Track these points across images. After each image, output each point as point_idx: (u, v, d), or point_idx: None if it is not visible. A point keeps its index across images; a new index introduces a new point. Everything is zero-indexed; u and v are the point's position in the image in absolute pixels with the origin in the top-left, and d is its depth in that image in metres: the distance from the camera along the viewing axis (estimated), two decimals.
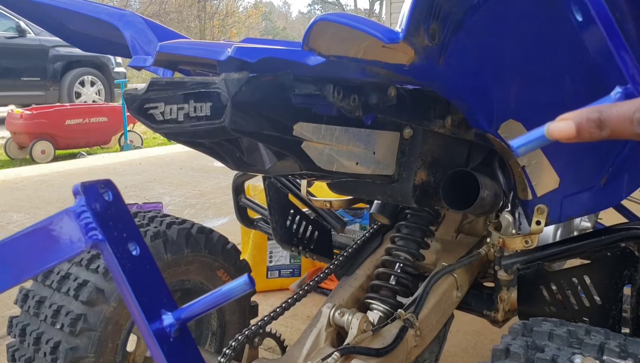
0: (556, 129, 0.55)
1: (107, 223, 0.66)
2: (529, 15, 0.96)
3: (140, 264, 0.68)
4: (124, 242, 0.67)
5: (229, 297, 0.68)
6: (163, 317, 0.69)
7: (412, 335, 1.32)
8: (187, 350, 0.70)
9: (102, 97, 10.17)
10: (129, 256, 0.67)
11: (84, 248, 0.66)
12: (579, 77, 1.10)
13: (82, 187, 0.65)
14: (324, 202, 1.80)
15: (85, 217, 0.65)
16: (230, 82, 0.94)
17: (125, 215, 0.69)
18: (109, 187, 0.68)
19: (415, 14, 0.76)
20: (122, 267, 0.66)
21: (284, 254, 2.81)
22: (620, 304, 1.27)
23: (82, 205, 0.65)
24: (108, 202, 0.67)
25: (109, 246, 0.65)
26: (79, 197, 0.65)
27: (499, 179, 1.34)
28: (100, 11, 1.28)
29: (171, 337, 0.68)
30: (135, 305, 0.66)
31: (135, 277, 0.67)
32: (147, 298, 0.68)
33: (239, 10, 27.28)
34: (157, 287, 0.70)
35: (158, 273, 0.71)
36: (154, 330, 0.67)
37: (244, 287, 0.66)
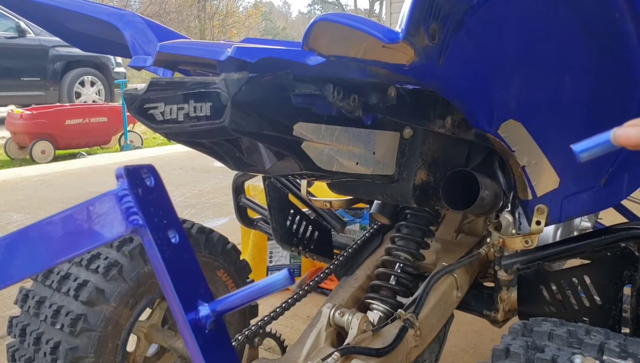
0: (624, 136, 0.52)
1: (149, 209, 0.64)
2: (529, 15, 0.96)
3: (179, 252, 0.67)
4: (164, 229, 0.66)
5: (268, 291, 0.66)
6: (200, 307, 0.67)
7: (412, 335, 1.32)
8: (221, 342, 0.69)
9: (102, 97, 10.17)
10: (168, 243, 0.66)
11: (125, 232, 0.64)
12: (579, 76, 1.10)
13: (125, 170, 0.64)
14: (324, 202, 1.80)
15: (127, 201, 0.63)
16: (230, 82, 0.94)
17: (166, 202, 0.67)
18: (151, 172, 0.66)
19: (415, 14, 0.76)
20: (161, 255, 0.64)
21: (284, 254, 2.81)
22: (620, 304, 1.27)
23: (124, 189, 0.63)
24: (150, 187, 0.65)
25: (149, 232, 0.64)
26: (122, 180, 0.64)
27: (499, 178, 1.34)
28: (100, 11, 1.28)
29: (207, 329, 0.67)
30: (173, 294, 0.65)
31: (174, 265, 0.66)
32: (184, 287, 0.66)
33: (239, 10, 27.29)
34: (195, 277, 0.69)
35: (196, 263, 0.69)
36: (190, 321, 0.65)
37: (283, 282, 0.64)
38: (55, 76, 9.69)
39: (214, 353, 0.67)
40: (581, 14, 1.00)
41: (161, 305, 1.64)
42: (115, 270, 1.39)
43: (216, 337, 0.68)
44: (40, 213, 4.24)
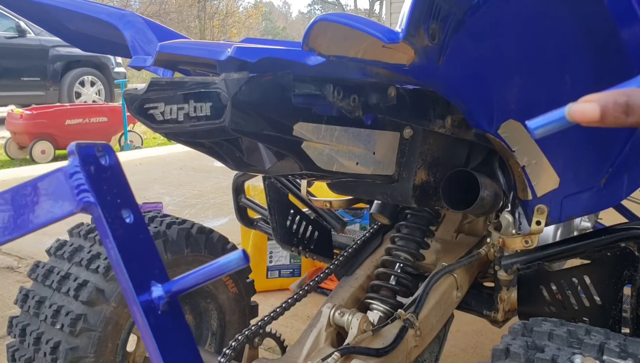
0: (578, 111, 0.50)
1: (101, 187, 0.63)
2: (529, 15, 0.96)
3: (132, 232, 0.66)
4: (118, 208, 0.65)
5: (223, 271, 0.65)
6: (152, 288, 0.66)
7: (412, 335, 1.32)
8: (175, 324, 0.68)
9: (102, 97, 10.17)
10: (121, 223, 0.65)
11: (75, 210, 0.63)
12: (579, 76, 1.10)
13: (77, 147, 0.63)
14: (324, 202, 1.80)
15: (77, 178, 0.62)
16: (230, 82, 0.94)
17: (121, 182, 0.66)
18: (106, 151, 0.65)
19: (415, 14, 0.76)
20: (112, 233, 0.63)
21: (284, 254, 2.81)
22: (620, 304, 1.27)
23: (75, 166, 0.62)
24: (104, 165, 0.64)
25: (100, 210, 0.63)
26: (73, 157, 0.62)
27: (499, 179, 1.34)
28: (100, 11, 1.28)
29: (159, 310, 0.66)
30: (123, 273, 0.64)
31: (126, 244, 0.64)
32: (137, 267, 0.65)
33: (239, 10, 27.29)
34: (149, 258, 0.67)
35: (152, 244, 0.68)
36: (141, 302, 0.64)
37: (238, 262, 0.63)
38: (55, 76, 9.69)
39: (167, 334, 0.66)
40: (581, 14, 1.00)
41: None
42: None
43: (170, 319, 0.67)
44: None
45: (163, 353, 0.64)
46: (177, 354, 0.66)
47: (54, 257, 1.52)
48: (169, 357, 0.65)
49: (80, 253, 1.47)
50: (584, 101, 0.50)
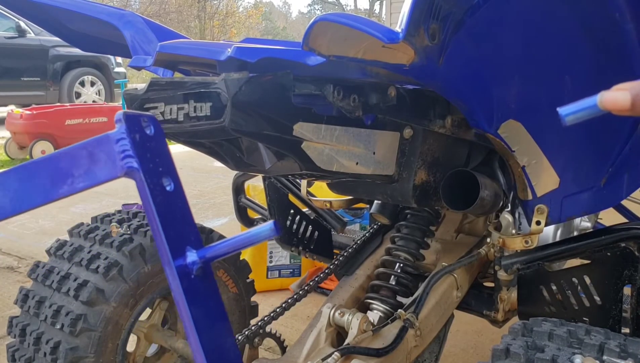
0: (610, 100, 0.50)
1: (145, 155, 0.66)
2: (529, 15, 0.96)
3: (172, 200, 0.69)
4: (159, 176, 0.68)
5: (254, 241, 0.68)
6: (187, 253, 0.69)
7: (412, 335, 1.32)
8: (207, 290, 0.71)
9: (102, 97, 10.16)
10: (161, 190, 0.68)
11: (118, 174, 0.66)
12: (579, 76, 1.10)
13: (124, 115, 0.66)
14: (324, 202, 1.80)
15: (122, 144, 0.65)
16: (230, 82, 0.94)
17: (164, 152, 0.69)
18: (152, 122, 0.68)
19: (415, 14, 0.76)
20: (153, 199, 0.67)
21: (284, 254, 2.81)
22: (620, 304, 1.27)
23: (121, 132, 0.65)
24: (148, 135, 0.67)
25: (142, 176, 0.66)
26: (119, 124, 0.65)
27: (499, 179, 1.34)
28: (100, 11, 1.28)
29: (193, 274, 0.69)
30: (162, 238, 0.67)
31: (165, 210, 0.68)
32: (174, 233, 0.68)
33: (239, 10, 27.28)
34: (186, 225, 0.70)
35: (189, 213, 0.71)
36: (176, 266, 0.67)
37: (269, 233, 0.65)
38: (55, 76, 9.69)
39: (199, 299, 0.69)
40: (581, 14, 1.00)
41: (161, 305, 1.64)
42: (115, 270, 1.39)
43: (202, 284, 0.70)
44: (40, 213, 4.24)
45: (194, 315, 0.68)
46: (207, 318, 0.70)
47: (54, 257, 1.52)
48: (200, 320, 0.68)
49: (80, 253, 1.47)
50: (616, 89, 0.50)
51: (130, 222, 1.54)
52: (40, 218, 4.13)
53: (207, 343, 0.68)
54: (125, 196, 4.73)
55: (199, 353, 0.68)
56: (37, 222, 4.06)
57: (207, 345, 0.68)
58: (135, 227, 1.50)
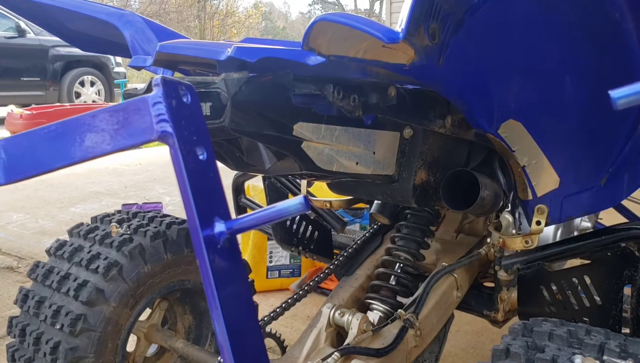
0: None
1: (180, 121, 0.66)
2: (529, 15, 0.96)
3: (204, 169, 0.69)
4: (193, 144, 0.68)
5: (283, 214, 0.68)
6: (216, 223, 0.69)
7: (412, 335, 1.32)
8: (232, 261, 0.71)
9: (102, 97, 10.17)
10: (194, 158, 0.68)
11: (152, 137, 0.66)
12: (579, 76, 1.10)
13: (162, 80, 0.66)
14: (324, 202, 1.80)
15: (159, 108, 0.65)
16: (230, 81, 0.94)
17: (199, 122, 0.69)
18: (189, 91, 0.68)
19: (415, 14, 0.76)
20: (185, 166, 0.67)
21: (284, 254, 2.81)
22: (621, 304, 1.27)
23: (158, 96, 0.65)
24: (185, 103, 0.68)
25: (176, 142, 0.66)
26: (157, 88, 0.66)
27: (499, 178, 1.33)
28: (100, 11, 1.28)
29: (219, 245, 0.69)
30: (191, 205, 0.67)
31: (196, 179, 0.68)
32: (203, 202, 0.68)
33: (238, 10, 27.27)
34: (216, 195, 0.71)
35: (219, 184, 0.71)
36: (204, 235, 0.68)
37: (298, 207, 0.66)
38: (55, 76, 9.69)
39: (224, 270, 0.69)
40: (581, 14, 1.00)
41: (161, 305, 1.64)
42: (115, 270, 1.39)
43: (228, 255, 0.70)
44: (40, 213, 4.24)
45: (217, 285, 0.68)
46: (230, 288, 0.70)
47: (53, 257, 1.52)
48: (222, 290, 0.69)
49: (80, 253, 1.46)
50: None
51: (130, 222, 1.54)
52: (40, 218, 4.13)
53: (229, 316, 0.68)
54: (125, 196, 4.73)
55: (221, 325, 0.68)
56: (37, 222, 4.06)
57: (229, 317, 0.68)
58: (135, 227, 1.50)
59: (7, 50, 9.21)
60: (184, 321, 1.71)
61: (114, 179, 5.45)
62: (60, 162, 0.71)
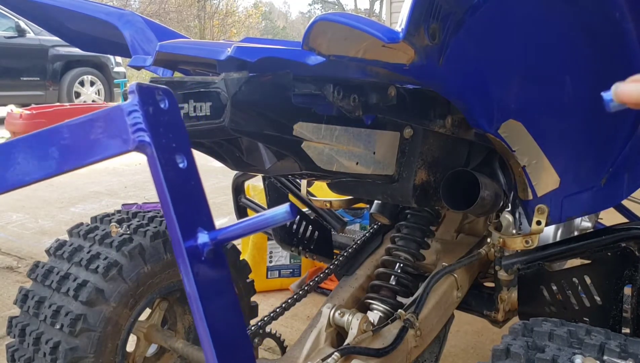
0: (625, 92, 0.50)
1: (157, 129, 0.63)
2: (529, 15, 0.96)
3: (184, 178, 0.66)
4: (172, 152, 0.65)
5: (269, 224, 0.65)
6: (199, 234, 0.66)
7: (412, 335, 1.32)
8: (217, 273, 0.68)
9: (101, 97, 10.16)
10: (174, 166, 0.65)
11: (129, 148, 0.63)
12: (580, 76, 1.10)
13: (138, 87, 0.63)
14: (324, 202, 1.79)
15: (135, 117, 0.63)
16: (230, 81, 0.93)
17: (179, 127, 0.66)
18: (166, 95, 0.66)
19: (416, 14, 0.76)
20: (164, 176, 0.64)
21: (284, 254, 2.81)
22: (621, 304, 1.27)
23: (134, 104, 0.63)
24: (163, 109, 0.65)
25: (154, 150, 0.63)
26: (132, 95, 0.63)
27: (499, 178, 1.33)
28: (100, 11, 1.28)
29: (203, 256, 0.66)
30: (172, 216, 0.64)
31: (176, 188, 0.65)
32: (185, 212, 0.65)
33: (238, 10, 27.27)
34: (198, 204, 0.68)
35: (202, 192, 0.68)
36: (186, 246, 0.65)
37: (284, 216, 0.63)
38: (54, 76, 9.68)
39: (209, 282, 0.66)
40: (581, 14, 1.00)
41: (161, 305, 1.63)
42: (115, 270, 1.39)
43: (213, 267, 0.67)
44: (40, 213, 4.24)
45: (202, 298, 0.65)
46: (215, 301, 0.67)
47: (53, 257, 1.52)
48: (208, 303, 0.66)
49: (80, 253, 1.46)
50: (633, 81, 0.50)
51: (130, 222, 1.54)
52: (40, 218, 4.13)
53: (216, 329, 0.66)
54: (125, 196, 4.73)
55: (207, 338, 0.65)
56: (36, 222, 4.06)
57: (215, 330, 0.66)
58: (135, 227, 1.50)
59: (7, 50, 9.21)
60: (184, 321, 1.71)
61: (114, 178, 5.45)
62: (35, 176, 0.68)
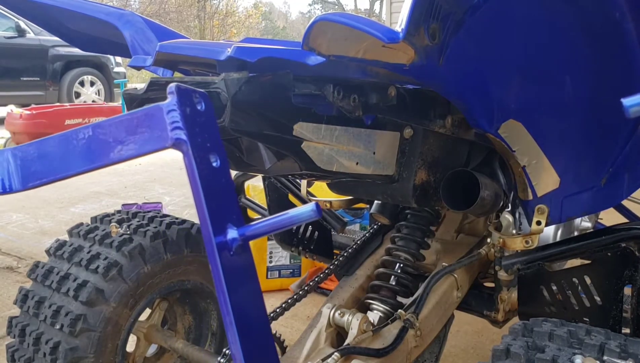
0: None
1: (193, 129, 0.67)
2: (529, 15, 0.96)
3: (217, 176, 0.70)
4: (206, 151, 0.69)
5: (295, 221, 0.69)
6: (228, 230, 0.70)
7: (412, 336, 1.32)
8: (244, 267, 0.71)
9: (101, 97, 10.16)
10: (207, 165, 0.69)
11: (167, 144, 0.67)
12: (580, 76, 1.10)
13: (177, 88, 0.67)
14: (324, 202, 1.79)
15: (173, 116, 0.67)
16: (230, 81, 0.93)
17: (213, 129, 0.70)
18: (203, 98, 0.70)
19: (415, 14, 0.76)
20: (199, 173, 0.68)
21: (284, 254, 2.81)
22: (621, 304, 1.27)
23: (173, 104, 0.67)
24: (199, 110, 0.69)
25: (190, 148, 0.67)
26: (172, 96, 0.67)
27: (499, 179, 1.33)
28: (100, 11, 1.28)
29: (232, 251, 0.70)
30: (204, 212, 0.68)
31: (209, 185, 0.69)
32: (216, 208, 0.69)
33: (238, 10, 27.27)
34: (229, 202, 0.72)
35: (233, 190, 0.72)
36: (217, 242, 0.69)
37: (310, 214, 0.67)
38: (54, 76, 9.68)
39: (236, 276, 0.70)
40: (581, 14, 1.00)
41: (161, 306, 1.63)
42: (115, 270, 1.39)
43: (240, 261, 0.71)
44: (40, 214, 4.24)
45: (230, 291, 0.69)
46: (242, 294, 0.71)
47: (53, 257, 1.52)
48: (235, 296, 0.69)
49: (80, 253, 1.46)
50: None
51: (130, 222, 1.54)
52: (40, 218, 4.13)
53: (241, 320, 0.69)
54: (125, 196, 4.73)
55: (232, 330, 0.69)
56: (36, 222, 4.06)
57: (241, 322, 0.69)
58: (135, 227, 1.50)
59: (7, 50, 9.21)
60: (184, 321, 1.71)
61: (114, 179, 5.45)
62: (76, 169, 0.72)
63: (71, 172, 0.72)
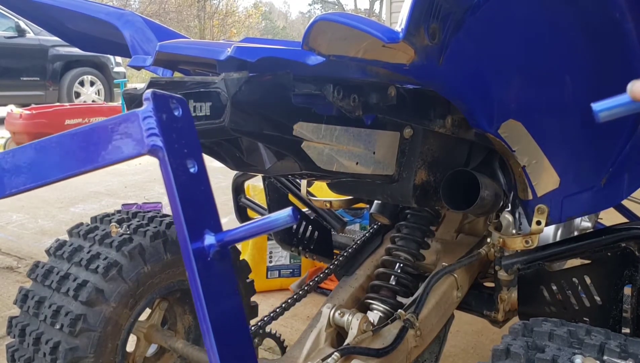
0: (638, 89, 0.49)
1: (170, 135, 0.67)
2: (529, 15, 0.96)
3: (194, 182, 0.69)
4: (183, 157, 0.68)
5: (272, 227, 0.68)
6: (206, 236, 0.69)
7: (412, 336, 1.32)
8: (222, 274, 0.70)
9: (101, 97, 10.16)
10: (184, 171, 0.68)
11: (143, 151, 0.66)
12: (579, 76, 1.10)
13: (153, 94, 0.67)
14: (324, 202, 1.79)
15: (149, 122, 0.66)
16: (230, 81, 0.93)
17: (191, 134, 0.70)
18: (180, 104, 0.69)
19: (416, 14, 0.76)
20: (175, 179, 0.67)
21: (284, 254, 2.81)
22: (621, 304, 1.27)
23: (149, 111, 0.66)
24: (176, 116, 0.68)
25: (166, 155, 0.66)
26: (148, 102, 0.66)
27: (499, 178, 1.33)
28: (100, 11, 1.28)
29: (209, 257, 0.69)
30: (180, 218, 0.68)
31: (186, 192, 0.68)
32: (193, 215, 0.69)
33: (238, 10, 27.26)
34: (207, 208, 0.71)
35: (211, 197, 0.72)
36: (193, 248, 0.68)
37: (287, 219, 0.67)
38: (54, 76, 9.68)
39: (214, 283, 0.69)
40: (581, 14, 1.00)
41: (161, 305, 1.63)
42: (115, 270, 1.39)
43: (218, 268, 0.70)
44: (40, 214, 4.24)
45: (207, 299, 0.68)
46: (220, 302, 0.70)
47: (53, 257, 1.52)
48: (212, 304, 0.69)
49: (80, 253, 1.46)
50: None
51: (130, 222, 1.54)
52: (40, 219, 4.12)
53: (219, 329, 0.68)
54: (125, 196, 4.73)
55: (209, 338, 0.68)
56: (36, 222, 4.06)
57: (218, 330, 0.68)
58: (135, 227, 1.50)
59: (6, 50, 9.20)
60: (184, 321, 1.71)
61: (114, 179, 5.45)
62: (55, 176, 0.72)
63: (49, 179, 0.72)
